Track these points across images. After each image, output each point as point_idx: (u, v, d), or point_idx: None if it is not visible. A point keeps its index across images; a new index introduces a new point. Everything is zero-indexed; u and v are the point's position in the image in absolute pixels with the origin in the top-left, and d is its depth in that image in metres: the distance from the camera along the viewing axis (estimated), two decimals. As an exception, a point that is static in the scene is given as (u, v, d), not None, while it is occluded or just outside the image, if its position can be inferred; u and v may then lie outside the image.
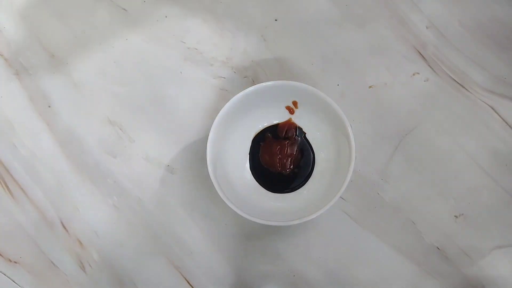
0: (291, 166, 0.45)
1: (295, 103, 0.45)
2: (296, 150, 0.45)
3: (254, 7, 0.50)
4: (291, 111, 0.46)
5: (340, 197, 0.42)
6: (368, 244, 0.45)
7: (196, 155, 0.47)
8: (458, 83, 0.47)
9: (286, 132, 0.45)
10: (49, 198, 0.47)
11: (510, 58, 0.47)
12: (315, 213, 0.40)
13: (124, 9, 0.50)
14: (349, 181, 0.40)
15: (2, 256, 0.46)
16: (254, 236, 0.45)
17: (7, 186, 0.47)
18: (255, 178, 0.45)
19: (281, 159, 0.45)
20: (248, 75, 0.48)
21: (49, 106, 0.49)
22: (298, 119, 0.46)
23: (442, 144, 0.46)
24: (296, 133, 0.46)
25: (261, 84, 0.42)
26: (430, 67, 0.47)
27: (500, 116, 0.46)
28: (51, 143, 0.48)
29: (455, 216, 0.45)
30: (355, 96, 0.47)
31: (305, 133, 0.46)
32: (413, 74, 0.47)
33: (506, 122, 0.46)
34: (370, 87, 0.47)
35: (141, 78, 0.49)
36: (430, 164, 0.46)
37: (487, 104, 0.46)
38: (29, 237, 0.46)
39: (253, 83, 0.48)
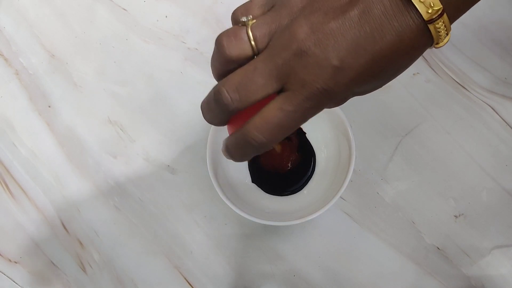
0: (291, 167, 0.45)
1: (295, 103, 0.45)
2: (296, 150, 0.45)
3: (254, 7, 0.50)
4: (291, 111, 0.45)
5: (340, 197, 0.42)
6: (368, 244, 0.45)
7: (196, 155, 0.47)
8: (458, 83, 0.47)
9: (286, 132, 0.45)
10: (49, 198, 0.47)
11: (511, 59, 0.47)
12: (315, 213, 0.40)
13: (124, 9, 0.50)
14: (349, 181, 0.40)
15: (2, 256, 0.46)
16: (254, 236, 0.45)
17: (7, 186, 0.47)
18: (255, 179, 0.45)
19: (281, 159, 0.45)
20: (248, 75, 0.48)
21: (49, 106, 0.49)
22: (298, 119, 0.46)
23: (442, 144, 0.46)
24: (296, 133, 0.45)
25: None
26: (431, 67, 0.47)
27: (500, 116, 0.46)
28: (51, 143, 0.48)
29: (455, 216, 0.45)
30: (355, 96, 0.47)
31: (305, 133, 0.46)
32: (414, 74, 0.47)
33: (506, 122, 0.46)
34: (370, 87, 0.47)
35: (141, 78, 0.49)
36: (430, 164, 0.46)
37: (487, 104, 0.46)
38: (29, 237, 0.46)
39: (253, 83, 0.48)
